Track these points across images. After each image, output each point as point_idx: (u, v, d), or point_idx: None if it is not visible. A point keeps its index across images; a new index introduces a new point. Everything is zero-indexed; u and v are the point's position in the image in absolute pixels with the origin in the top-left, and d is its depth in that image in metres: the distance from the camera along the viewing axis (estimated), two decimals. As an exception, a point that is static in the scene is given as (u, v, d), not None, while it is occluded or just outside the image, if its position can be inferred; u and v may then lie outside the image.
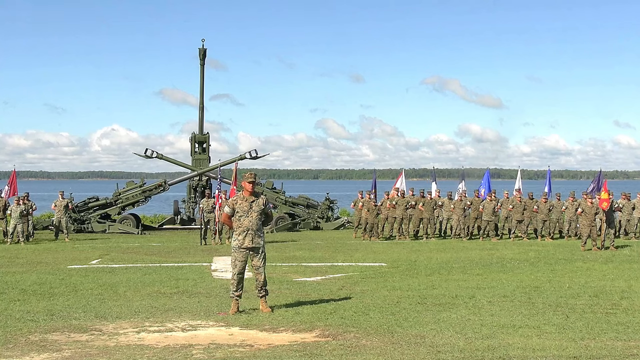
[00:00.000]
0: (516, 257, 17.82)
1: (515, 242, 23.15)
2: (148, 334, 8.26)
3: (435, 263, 16.20)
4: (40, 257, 18.09)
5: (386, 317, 9.14)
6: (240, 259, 9.76)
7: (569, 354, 7.16)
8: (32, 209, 24.44)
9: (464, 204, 24.67)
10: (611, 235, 20.52)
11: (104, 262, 16.76)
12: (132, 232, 28.17)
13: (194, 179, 32.24)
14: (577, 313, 9.48)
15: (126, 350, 7.44)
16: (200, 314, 9.60)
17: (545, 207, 24.15)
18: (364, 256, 18.13)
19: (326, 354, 7.15)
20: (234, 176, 23.74)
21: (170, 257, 18.14)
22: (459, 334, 8.05)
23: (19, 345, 7.70)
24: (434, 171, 31.57)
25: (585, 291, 11.52)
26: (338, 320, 8.95)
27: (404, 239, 24.44)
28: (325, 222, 30.26)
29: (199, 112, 33.86)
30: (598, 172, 27.60)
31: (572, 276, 13.65)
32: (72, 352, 7.38)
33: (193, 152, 33.02)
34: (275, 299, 10.61)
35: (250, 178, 9.86)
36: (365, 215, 24.57)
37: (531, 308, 9.88)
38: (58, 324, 8.89)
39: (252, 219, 9.74)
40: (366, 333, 8.19)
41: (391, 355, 7.11)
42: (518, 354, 7.12)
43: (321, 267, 15.69)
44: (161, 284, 12.53)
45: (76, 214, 28.51)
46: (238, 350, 7.41)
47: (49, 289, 12.04)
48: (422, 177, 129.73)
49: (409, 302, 10.39)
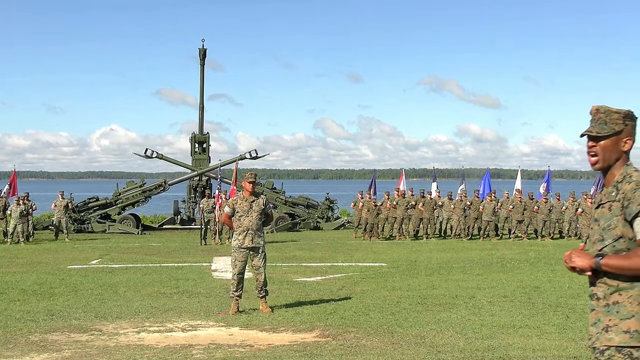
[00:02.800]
0: (516, 257, 17.82)
1: (515, 242, 23.15)
2: (148, 334, 8.26)
3: (435, 263, 16.20)
4: (40, 257, 18.09)
5: (386, 317, 9.13)
6: (240, 259, 9.76)
7: (569, 354, 7.16)
8: (32, 209, 24.43)
9: (464, 204, 24.67)
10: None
11: (104, 262, 16.75)
12: (132, 232, 28.16)
13: (194, 179, 32.22)
14: (577, 313, 9.47)
15: (126, 350, 7.43)
16: (200, 314, 9.60)
17: (546, 208, 24.16)
18: (364, 256, 18.13)
19: (326, 354, 7.15)
20: (234, 176, 23.74)
21: (170, 257, 18.13)
22: (459, 334, 8.04)
23: (19, 345, 7.69)
24: (434, 171, 31.58)
25: (585, 291, 11.50)
26: (338, 320, 8.95)
27: (404, 239, 24.44)
28: (325, 222, 30.25)
29: (199, 112, 33.87)
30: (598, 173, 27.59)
31: (572, 276, 13.63)
32: (72, 352, 7.38)
33: (193, 152, 33.01)
34: (275, 299, 10.60)
35: (250, 178, 9.86)
36: (365, 215, 24.57)
37: (531, 308, 9.87)
38: (58, 324, 8.89)
39: (252, 219, 9.74)
40: (366, 333, 8.19)
41: (391, 355, 7.10)
42: (518, 354, 7.11)
43: (321, 267, 15.68)
44: (161, 284, 12.53)
45: (76, 214, 28.49)
46: (238, 351, 7.40)
47: (49, 289, 12.04)
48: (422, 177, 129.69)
49: (409, 302, 10.38)
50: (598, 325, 3.16)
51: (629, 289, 3.09)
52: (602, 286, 3.16)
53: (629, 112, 3.25)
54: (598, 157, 3.23)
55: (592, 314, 3.22)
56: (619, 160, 3.24)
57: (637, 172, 3.18)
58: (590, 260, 3.14)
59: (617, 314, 3.10)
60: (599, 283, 3.18)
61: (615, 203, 3.15)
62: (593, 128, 3.24)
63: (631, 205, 3.08)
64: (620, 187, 3.15)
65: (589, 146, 3.25)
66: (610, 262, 3.09)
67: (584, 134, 3.26)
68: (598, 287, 3.19)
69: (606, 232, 3.16)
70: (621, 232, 3.12)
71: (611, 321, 3.11)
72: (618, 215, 3.13)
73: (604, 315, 3.14)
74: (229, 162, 31.51)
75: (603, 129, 3.21)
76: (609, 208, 3.17)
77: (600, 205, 3.23)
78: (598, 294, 3.18)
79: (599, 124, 3.23)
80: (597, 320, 3.18)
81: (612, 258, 3.10)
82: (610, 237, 3.15)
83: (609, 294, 3.13)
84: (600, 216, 3.22)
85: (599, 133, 3.21)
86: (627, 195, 3.10)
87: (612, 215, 3.15)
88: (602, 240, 3.18)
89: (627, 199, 3.10)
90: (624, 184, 3.15)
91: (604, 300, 3.15)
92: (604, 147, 3.21)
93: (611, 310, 3.11)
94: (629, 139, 3.24)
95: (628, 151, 3.26)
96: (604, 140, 3.21)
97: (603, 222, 3.18)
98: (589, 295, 3.26)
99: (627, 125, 3.23)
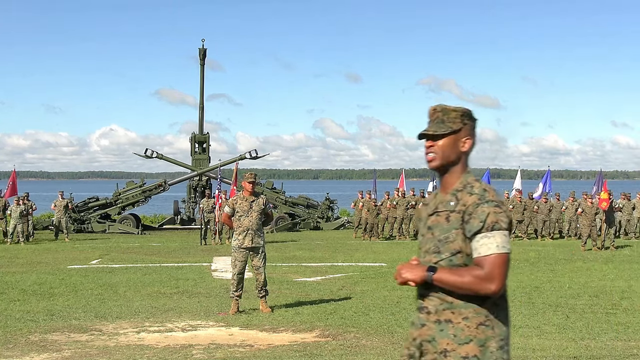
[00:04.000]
0: (516, 257, 17.81)
1: (515, 242, 23.15)
2: (148, 334, 8.26)
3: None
4: (40, 257, 18.09)
5: (386, 317, 9.13)
6: (240, 259, 9.76)
7: (569, 354, 7.16)
8: (32, 209, 24.42)
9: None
10: (611, 236, 20.51)
11: (104, 262, 16.75)
12: (132, 232, 28.15)
13: (194, 179, 32.22)
14: (577, 313, 9.48)
15: (126, 350, 7.43)
16: (200, 314, 9.60)
17: (545, 207, 24.15)
18: (364, 256, 18.13)
19: (326, 354, 7.15)
20: (234, 176, 23.72)
21: (170, 257, 18.13)
22: (459, 334, 8.04)
23: (19, 345, 7.69)
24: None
25: (585, 291, 11.52)
26: (338, 320, 8.95)
27: (404, 239, 24.44)
28: (325, 222, 30.24)
29: (199, 112, 33.84)
30: (598, 172, 27.60)
31: (572, 276, 13.64)
32: (72, 352, 7.38)
33: (193, 152, 33.00)
34: (275, 299, 10.60)
35: (250, 178, 9.86)
36: (365, 215, 24.57)
37: (531, 308, 9.87)
38: (58, 324, 8.89)
39: (252, 219, 9.74)
40: (366, 333, 8.19)
41: (391, 355, 7.10)
42: (518, 354, 7.11)
43: (321, 267, 15.68)
44: (161, 284, 12.53)
45: (76, 214, 28.48)
46: (238, 351, 7.40)
47: (49, 289, 12.04)
48: (422, 177, 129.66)
49: (409, 302, 10.38)
50: (435, 345, 2.91)
51: (463, 307, 2.89)
52: (435, 300, 2.93)
53: (467, 111, 3.09)
54: (436, 155, 3.04)
55: (422, 330, 2.96)
56: (458, 164, 3.06)
57: (478, 184, 2.99)
58: (423, 273, 2.91)
59: (454, 338, 2.88)
60: (432, 296, 2.94)
61: (454, 214, 2.94)
62: (430, 127, 3.06)
63: (472, 221, 2.89)
64: (461, 198, 2.96)
65: (427, 146, 3.06)
66: (444, 277, 2.88)
67: (421, 135, 3.08)
68: (429, 301, 2.95)
69: (443, 244, 2.94)
70: (459, 246, 2.91)
71: (449, 345, 2.88)
72: (457, 228, 2.92)
73: (440, 336, 2.90)
74: (229, 162, 31.50)
75: (440, 127, 3.04)
76: (446, 218, 2.96)
77: (436, 213, 3.01)
78: (429, 308, 2.94)
79: (436, 123, 3.07)
80: (431, 338, 2.92)
81: (445, 273, 2.89)
82: (447, 251, 2.93)
83: (442, 309, 2.91)
84: (435, 225, 2.99)
85: (436, 132, 3.04)
86: (469, 210, 2.91)
87: (451, 227, 2.94)
88: (439, 252, 2.95)
89: (468, 213, 2.91)
90: (465, 195, 2.96)
91: (435, 315, 2.92)
92: (443, 146, 3.03)
93: (445, 330, 2.90)
94: (468, 139, 3.06)
95: (467, 153, 3.08)
96: (442, 139, 3.03)
97: (439, 233, 2.96)
98: (417, 308, 3.01)
99: (466, 125, 3.06)
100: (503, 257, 2.86)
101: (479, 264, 2.87)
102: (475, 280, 2.84)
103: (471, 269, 2.87)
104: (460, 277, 2.86)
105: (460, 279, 2.86)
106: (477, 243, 2.87)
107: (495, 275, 2.84)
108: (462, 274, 2.86)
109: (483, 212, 2.88)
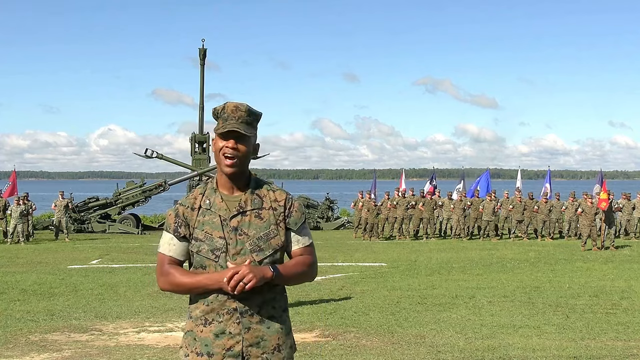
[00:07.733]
0: (516, 257, 17.82)
1: (515, 242, 23.15)
2: (148, 334, 8.26)
3: (435, 263, 16.20)
4: (40, 257, 18.09)
5: (386, 317, 9.14)
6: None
7: (569, 354, 7.16)
8: (32, 209, 24.43)
9: (464, 204, 24.67)
10: (611, 235, 20.52)
11: (104, 262, 16.75)
12: (132, 232, 28.16)
13: (194, 179, 32.22)
14: (577, 313, 9.48)
15: (126, 350, 7.44)
16: (200, 314, 9.59)
17: (545, 207, 24.15)
18: (364, 256, 18.13)
19: (326, 354, 7.15)
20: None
21: (170, 257, 18.10)
22: (459, 334, 8.05)
23: (19, 345, 7.70)
24: (434, 171, 31.56)
25: (585, 291, 11.52)
26: (338, 320, 8.95)
27: (404, 239, 24.44)
28: (325, 222, 30.25)
29: (199, 112, 33.83)
30: (598, 172, 27.59)
31: (572, 276, 13.65)
32: (72, 352, 7.38)
33: (193, 152, 33.01)
34: (275, 299, 10.60)
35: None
36: (365, 215, 24.57)
37: (531, 308, 9.88)
38: (58, 324, 8.89)
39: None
40: (366, 333, 8.19)
41: (391, 355, 7.11)
42: (518, 354, 7.12)
43: (321, 267, 15.68)
44: (161, 284, 12.51)
45: (76, 214, 28.49)
46: (238, 350, 7.40)
47: (49, 289, 12.04)
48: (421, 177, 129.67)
49: (409, 302, 10.38)
50: (264, 345, 2.85)
51: (281, 299, 2.93)
52: (258, 299, 2.84)
53: (260, 115, 2.97)
54: (238, 160, 2.86)
55: (247, 335, 2.82)
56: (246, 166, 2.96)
57: (265, 181, 3.02)
58: (267, 272, 2.80)
59: (282, 331, 2.89)
60: (255, 295, 2.82)
61: (265, 211, 2.90)
62: (240, 126, 2.84)
63: (294, 215, 2.92)
64: (264, 195, 2.93)
65: (231, 146, 2.84)
66: (286, 271, 2.86)
67: (228, 131, 2.84)
68: (252, 300, 2.83)
69: (263, 241, 2.87)
70: (281, 242, 2.90)
71: (280, 339, 2.88)
72: (274, 224, 2.90)
73: (268, 333, 2.86)
74: (229, 162, 31.47)
75: (249, 130, 2.87)
76: (257, 216, 2.89)
77: (242, 213, 2.88)
78: (251, 310, 2.84)
79: (243, 124, 2.86)
80: (259, 339, 2.84)
81: (285, 267, 2.87)
82: (270, 248, 2.88)
83: (265, 307, 2.86)
84: (246, 224, 2.87)
85: (247, 133, 2.85)
86: (285, 204, 2.92)
87: (268, 223, 2.89)
88: (261, 250, 2.87)
89: (286, 208, 2.92)
90: (267, 191, 2.94)
91: (258, 316, 2.84)
92: (247, 150, 2.88)
93: (272, 328, 2.87)
94: (255, 144, 2.97)
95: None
96: (247, 143, 2.88)
97: (255, 231, 2.86)
98: (239, 312, 2.82)
99: (256, 129, 2.97)
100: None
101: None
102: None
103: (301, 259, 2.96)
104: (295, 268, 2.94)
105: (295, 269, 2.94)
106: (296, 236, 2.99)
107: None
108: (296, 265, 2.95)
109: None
